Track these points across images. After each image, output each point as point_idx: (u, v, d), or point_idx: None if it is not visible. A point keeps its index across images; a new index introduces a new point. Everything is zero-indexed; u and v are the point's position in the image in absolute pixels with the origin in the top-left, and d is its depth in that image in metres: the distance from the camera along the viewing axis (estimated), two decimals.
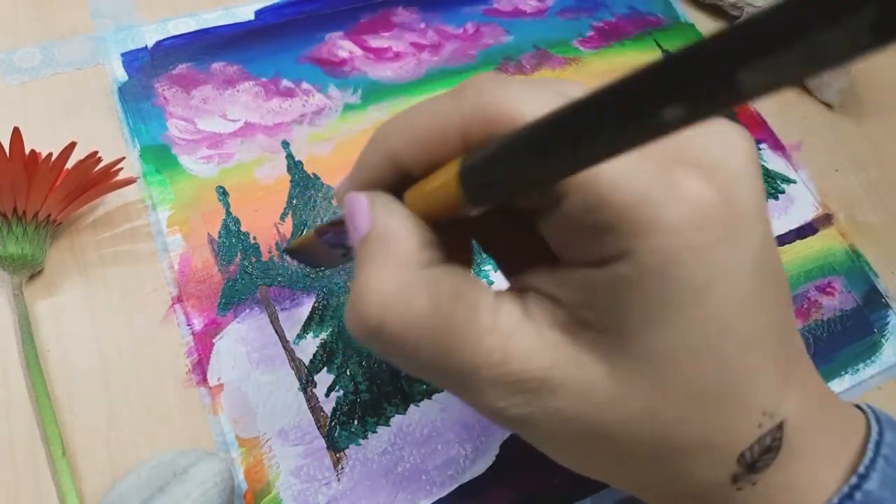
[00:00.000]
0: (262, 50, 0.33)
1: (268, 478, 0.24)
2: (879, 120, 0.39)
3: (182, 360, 0.25)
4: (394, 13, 0.35)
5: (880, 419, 0.18)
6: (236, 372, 0.25)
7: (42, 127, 0.29)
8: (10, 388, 0.24)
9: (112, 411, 0.24)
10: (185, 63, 0.31)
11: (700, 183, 0.14)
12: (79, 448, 0.23)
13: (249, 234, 0.28)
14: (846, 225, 0.34)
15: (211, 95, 0.31)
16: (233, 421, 0.24)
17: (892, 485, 0.16)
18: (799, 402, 0.16)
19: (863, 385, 0.30)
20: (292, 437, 0.24)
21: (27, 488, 0.22)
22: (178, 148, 0.29)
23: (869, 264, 0.33)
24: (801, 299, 0.31)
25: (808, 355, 0.18)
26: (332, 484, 0.24)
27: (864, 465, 0.16)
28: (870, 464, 0.16)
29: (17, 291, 0.25)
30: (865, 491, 0.16)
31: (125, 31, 0.32)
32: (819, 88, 0.38)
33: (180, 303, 0.26)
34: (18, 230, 0.25)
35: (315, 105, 0.32)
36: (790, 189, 0.35)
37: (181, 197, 0.28)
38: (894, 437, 0.17)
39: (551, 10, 0.38)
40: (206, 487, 0.21)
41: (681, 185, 0.14)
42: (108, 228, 0.27)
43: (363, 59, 0.34)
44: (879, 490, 0.16)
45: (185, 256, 0.27)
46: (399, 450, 0.25)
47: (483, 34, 0.36)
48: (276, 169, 0.30)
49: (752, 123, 0.37)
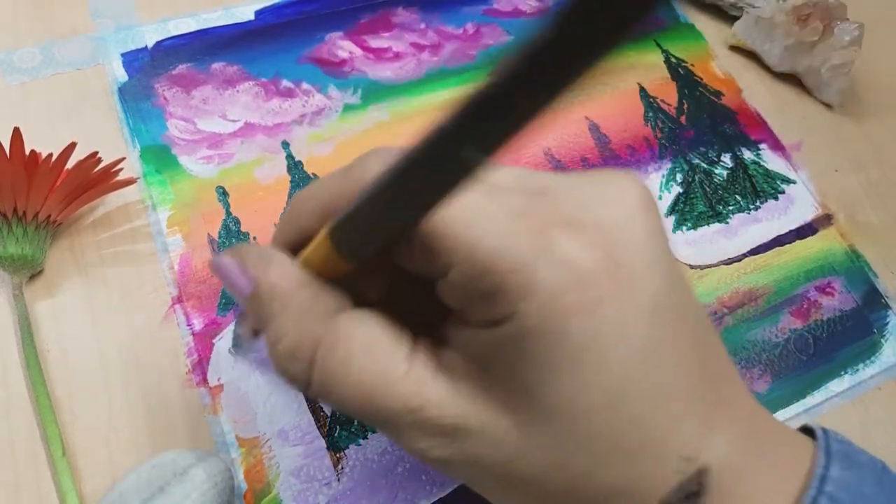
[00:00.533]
0: (262, 50, 0.33)
1: (268, 478, 0.24)
2: (879, 120, 0.39)
3: (182, 360, 0.25)
4: (394, 13, 0.35)
5: (830, 451, 0.17)
6: (236, 372, 0.25)
7: (42, 127, 0.29)
8: (10, 388, 0.24)
9: (112, 411, 0.24)
10: (185, 63, 0.31)
11: (576, 244, 0.14)
12: (79, 448, 0.23)
13: (249, 235, 0.28)
14: (846, 225, 0.34)
15: (211, 95, 0.31)
16: (233, 421, 0.24)
17: None
18: (728, 441, 0.16)
19: (862, 385, 0.30)
20: (292, 438, 0.24)
21: (27, 488, 0.22)
22: (178, 148, 0.29)
23: (869, 264, 0.33)
24: (800, 299, 0.31)
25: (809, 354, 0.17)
26: (332, 484, 0.24)
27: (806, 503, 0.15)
28: (811, 502, 0.15)
29: (17, 291, 0.25)
30: None
31: (125, 31, 0.32)
32: (819, 88, 0.38)
33: (180, 303, 0.26)
34: (18, 230, 0.25)
35: (315, 105, 0.32)
36: (790, 189, 0.35)
37: (181, 197, 0.28)
38: (842, 469, 0.16)
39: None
40: (205, 488, 0.21)
41: (558, 248, 0.14)
42: (108, 228, 0.27)
43: (363, 59, 0.34)
44: None
45: (185, 256, 0.27)
46: (399, 450, 0.25)
47: (483, 34, 0.36)
48: (276, 169, 0.30)
49: (752, 123, 0.37)
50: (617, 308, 0.14)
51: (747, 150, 0.36)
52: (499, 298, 0.14)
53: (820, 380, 0.30)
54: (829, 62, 0.36)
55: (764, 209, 0.34)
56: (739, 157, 0.35)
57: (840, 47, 0.36)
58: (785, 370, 0.29)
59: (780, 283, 0.32)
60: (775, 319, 0.31)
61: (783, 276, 0.32)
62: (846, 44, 0.36)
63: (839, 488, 0.16)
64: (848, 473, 0.16)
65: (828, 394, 0.29)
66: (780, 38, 0.37)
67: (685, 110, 0.36)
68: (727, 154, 0.35)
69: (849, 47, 0.36)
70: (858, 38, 0.36)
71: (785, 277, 0.32)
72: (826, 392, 0.29)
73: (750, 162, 0.35)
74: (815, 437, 0.17)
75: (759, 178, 0.35)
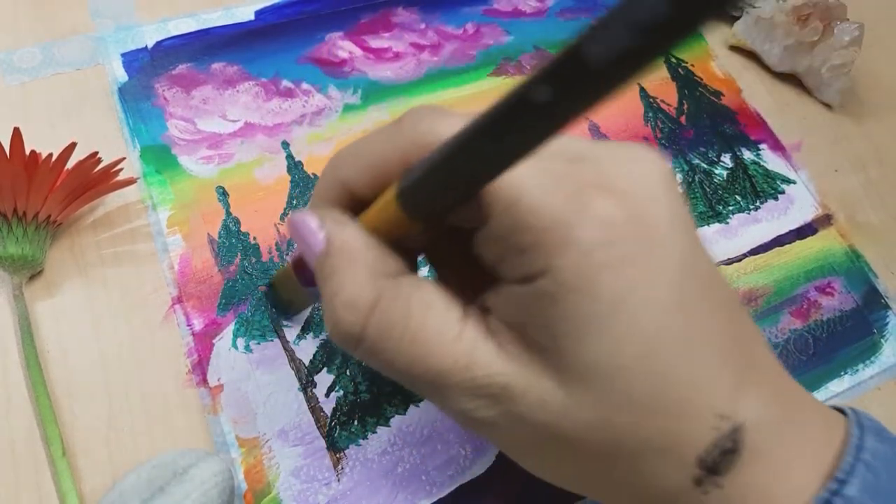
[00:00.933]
0: (262, 50, 0.33)
1: (268, 478, 0.24)
2: (879, 120, 0.39)
3: (182, 361, 0.25)
4: (394, 13, 0.35)
5: (863, 424, 0.17)
6: (236, 372, 0.25)
7: (42, 127, 0.29)
8: (10, 388, 0.24)
9: (112, 411, 0.24)
10: (185, 63, 0.31)
11: (609, 204, 0.15)
12: (79, 448, 0.23)
13: (249, 235, 0.28)
14: (846, 225, 0.34)
15: (211, 96, 0.31)
16: (233, 421, 0.24)
17: (873, 491, 0.15)
18: (761, 404, 0.16)
19: (862, 385, 0.30)
20: (292, 438, 0.24)
21: (27, 488, 0.22)
22: (178, 148, 0.29)
23: (869, 265, 0.33)
24: (800, 299, 0.31)
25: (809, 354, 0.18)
26: (332, 484, 0.24)
27: (844, 469, 0.16)
28: (850, 469, 0.16)
29: (17, 292, 0.25)
30: (845, 496, 0.15)
31: (125, 31, 0.32)
32: (819, 88, 0.38)
33: (180, 303, 0.26)
34: (18, 230, 0.25)
35: (315, 105, 0.32)
36: (790, 189, 0.35)
37: (181, 197, 0.28)
38: (876, 442, 0.17)
39: (551, 11, 0.38)
40: (206, 488, 0.21)
41: (591, 207, 0.15)
42: (108, 229, 0.27)
43: (363, 59, 0.34)
44: (860, 496, 0.15)
45: (185, 257, 0.27)
46: (399, 450, 0.25)
47: (483, 34, 0.36)
48: (276, 169, 0.30)
49: (752, 123, 0.37)
50: (646, 266, 0.15)
51: (747, 151, 0.36)
52: (534, 253, 0.15)
53: (820, 380, 0.30)
54: (829, 62, 0.36)
55: (764, 209, 0.34)
56: (739, 157, 0.35)
57: (840, 47, 0.36)
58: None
59: (780, 284, 0.32)
60: (775, 320, 0.31)
61: (783, 277, 0.32)
62: (846, 44, 0.36)
63: (875, 457, 0.16)
64: (882, 446, 0.17)
65: (828, 394, 0.29)
66: (780, 38, 0.37)
67: (685, 110, 0.36)
68: (727, 154, 0.35)
69: (849, 47, 0.36)
70: (858, 38, 0.36)
71: (785, 277, 0.32)
72: (826, 392, 0.29)
73: (750, 162, 0.35)
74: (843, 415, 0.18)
75: (759, 178, 0.35)
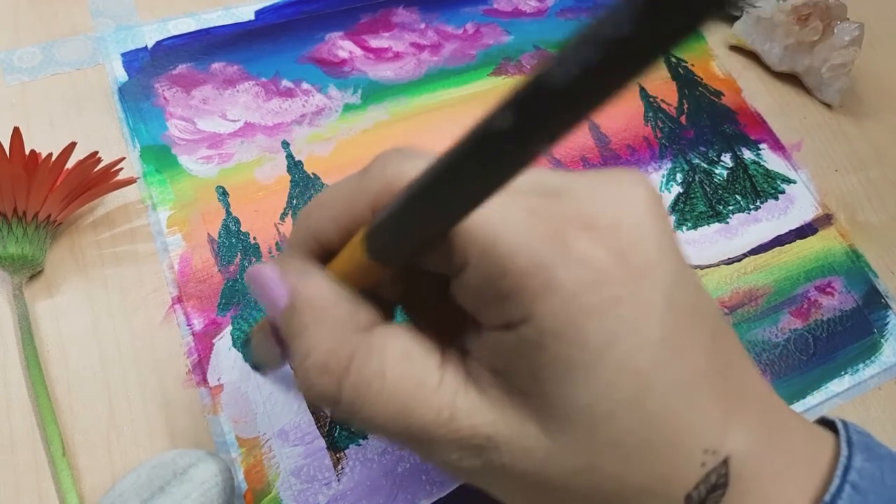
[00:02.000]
0: (262, 50, 0.33)
1: (268, 478, 0.24)
2: (879, 120, 0.39)
3: (182, 361, 0.25)
4: (394, 13, 0.35)
5: (852, 441, 0.17)
6: (236, 372, 0.25)
7: (42, 127, 0.29)
8: (10, 388, 0.24)
9: (112, 411, 0.24)
10: (185, 63, 0.31)
11: (591, 243, 0.14)
12: (79, 448, 0.23)
13: (249, 234, 0.28)
14: (846, 225, 0.34)
15: (211, 95, 0.31)
16: (233, 421, 0.24)
17: None
18: (747, 433, 0.16)
19: (862, 385, 0.30)
20: (292, 437, 0.24)
21: (27, 488, 0.22)
22: (178, 148, 0.29)
23: (869, 264, 0.33)
24: (801, 299, 0.31)
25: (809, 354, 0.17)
26: (333, 484, 0.24)
27: (831, 493, 0.16)
28: (836, 491, 0.15)
29: (17, 291, 0.25)
30: None
31: (125, 31, 0.32)
32: (819, 88, 0.38)
33: (180, 303, 0.26)
34: (18, 230, 0.25)
35: (315, 105, 0.32)
36: (790, 189, 0.35)
37: (181, 197, 0.28)
38: (864, 460, 0.16)
39: (551, 11, 0.38)
40: (206, 488, 0.21)
41: (573, 249, 0.14)
42: (108, 228, 0.27)
43: (363, 59, 0.34)
44: None
45: (185, 256, 0.27)
46: (399, 450, 0.25)
47: (483, 34, 0.36)
48: (276, 169, 0.30)
49: (752, 123, 0.37)
50: (632, 307, 0.14)
51: (747, 150, 0.36)
52: (515, 299, 0.14)
53: (820, 380, 0.30)
54: (829, 62, 0.36)
55: (764, 209, 0.34)
56: (739, 156, 0.35)
57: (840, 47, 0.36)
58: (785, 370, 0.29)
59: (780, 283, 0.32)
60: (775, 319, 0.31)
61: (783, 276, 0.32)
62: (846, 44, 0.36)
63: (862, 478, 0.16)
64: (870, 464, 0.16)
65: (828, 394, 0.29)
66: (780, 38, 0.37)
67: (685, 110, 0.36)
68: (727, 154, 0.35)
69: (849, 47, 0.36)
70: (858, 38, 0.36)
71: (785, 277, 0.32)
72: (826, 392, 0.29)
73: (750, 162, 0.35)
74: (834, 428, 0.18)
75: (759, 178, 0.35)
